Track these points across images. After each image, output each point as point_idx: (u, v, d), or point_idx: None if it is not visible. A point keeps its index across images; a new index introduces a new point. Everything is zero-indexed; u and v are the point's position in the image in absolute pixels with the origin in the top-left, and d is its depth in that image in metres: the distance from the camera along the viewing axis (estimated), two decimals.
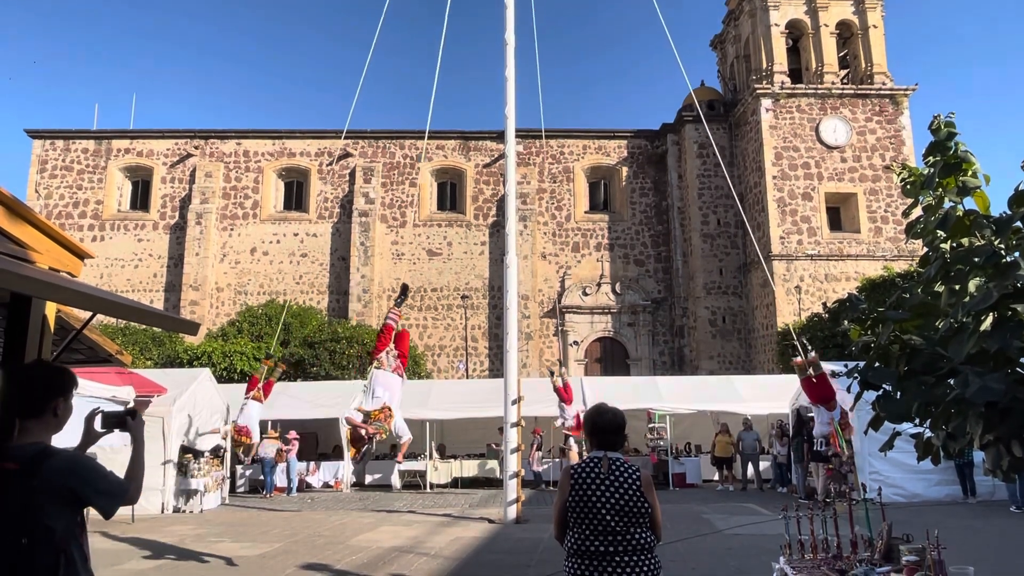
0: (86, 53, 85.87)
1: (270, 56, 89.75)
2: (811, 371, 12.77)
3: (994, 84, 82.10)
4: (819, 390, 12.78)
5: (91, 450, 2.84)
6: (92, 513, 2.77)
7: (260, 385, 14.73)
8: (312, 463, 18.51)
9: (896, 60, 71.27)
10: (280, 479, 17.48)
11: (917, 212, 3.31)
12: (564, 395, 15.75)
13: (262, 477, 17.12)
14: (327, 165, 36.28)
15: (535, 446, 18.02)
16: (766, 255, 30.95)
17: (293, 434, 17.56)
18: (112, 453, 11.04)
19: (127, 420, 2.85)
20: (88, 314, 4.02)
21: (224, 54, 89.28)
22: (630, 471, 3.32)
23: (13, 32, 78.12)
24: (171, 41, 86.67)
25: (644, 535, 3.27)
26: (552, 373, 16.93)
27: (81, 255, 4.29)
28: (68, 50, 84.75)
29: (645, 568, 3.22)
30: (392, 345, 10.22)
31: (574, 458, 15.20)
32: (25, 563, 2.42)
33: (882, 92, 32.45)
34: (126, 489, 2.66)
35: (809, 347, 13.36)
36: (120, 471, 2.73)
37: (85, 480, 2.55)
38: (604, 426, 3.42)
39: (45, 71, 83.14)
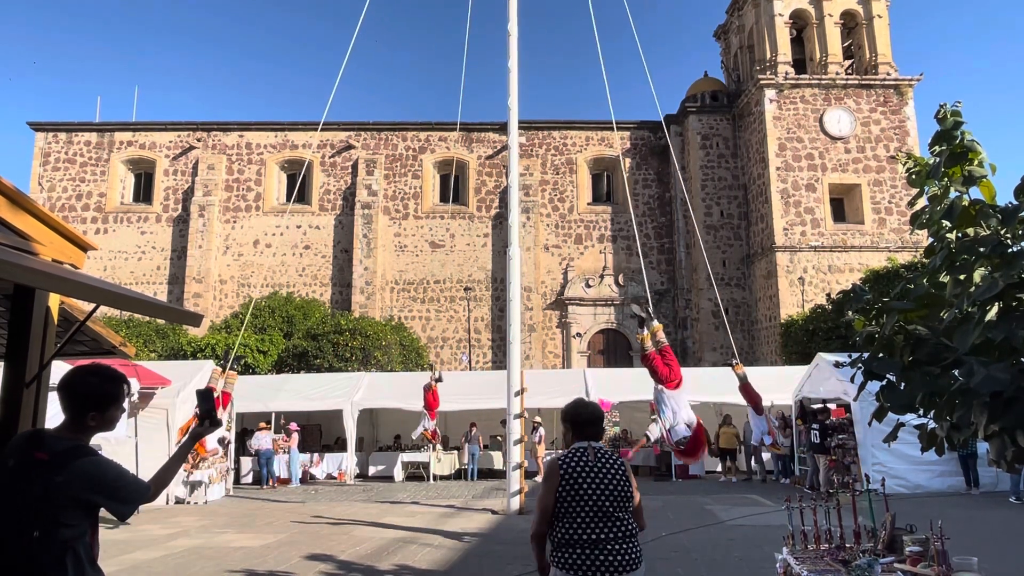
0: (88, 45, 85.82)
1: (272, 48, 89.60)
2: (650, 345, 9.26)
3: (1000, 73, 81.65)
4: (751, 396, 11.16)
5: (95, 441, 2.84)
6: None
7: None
8: (316, 454, 18.55)
9: (901, 50, 70.90)
10: (281, 470, 17.51)
11: (922, 202, 3.29)
12: (751, 396, 14.33)
13: (261, 469, 17.15)
14: (330, 157, 36.25)
15: (539, 440, 17.88)
16: (770, 246, 30.90)
17: (294, 426, 17.62)
18: (116, 445, 11.11)
19: (207, 421, 2.96)
20: (91, 306, 4.02)
21: (226, 46, 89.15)
22: (615, 458, 3.45)
23: (15, 25, 78.03)
24: (173, 33, 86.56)
25: (631, 521, 3.38)
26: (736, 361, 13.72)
27: (84, 247, 4.28)
28: (70, 42, 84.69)
29: (634, 553, 3.31)
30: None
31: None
32: (35, 556, 2.43)
33: (886, 82, 32.26)
34: (144, 492, 2.69)
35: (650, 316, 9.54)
36: (123, 462, 2.74)
37: (107, 487, 2.58)
38: (588, 418, 3.54)
39: (47, 64, 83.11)
